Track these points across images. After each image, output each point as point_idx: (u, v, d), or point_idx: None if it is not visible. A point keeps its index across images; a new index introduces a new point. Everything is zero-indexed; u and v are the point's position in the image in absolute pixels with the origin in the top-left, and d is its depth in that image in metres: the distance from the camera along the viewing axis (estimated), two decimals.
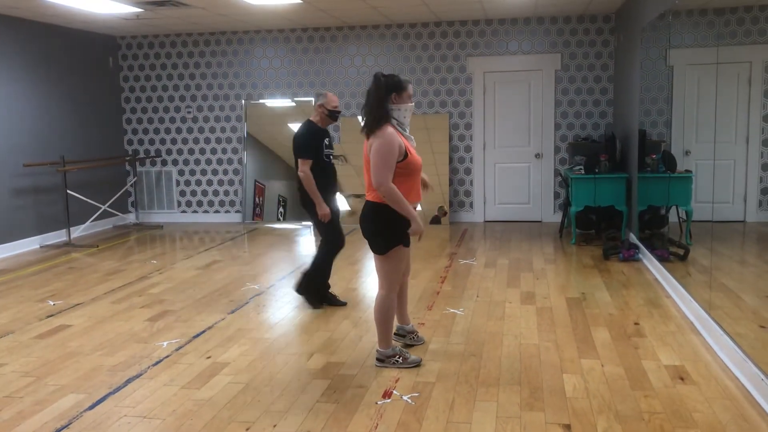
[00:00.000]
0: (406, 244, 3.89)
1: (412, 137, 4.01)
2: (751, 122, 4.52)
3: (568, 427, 3.18)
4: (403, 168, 3.78)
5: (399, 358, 3.99)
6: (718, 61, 4.66)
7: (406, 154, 3.78)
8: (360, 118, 4.09)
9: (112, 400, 3.61)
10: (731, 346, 3.87)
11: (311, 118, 5.12)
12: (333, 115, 5.09)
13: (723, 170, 4.79)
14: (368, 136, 3.83)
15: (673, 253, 5.97)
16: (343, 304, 5.33)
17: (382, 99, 3.80)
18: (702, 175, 5.21)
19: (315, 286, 5.30)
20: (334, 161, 5.22)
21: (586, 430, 3.14)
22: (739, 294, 4.65)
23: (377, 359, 4.02)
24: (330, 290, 5.40)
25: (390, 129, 3.76)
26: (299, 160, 5.00)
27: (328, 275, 5.33)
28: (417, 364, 3.99)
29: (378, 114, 3.79)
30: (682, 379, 3.71)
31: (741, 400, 3.42)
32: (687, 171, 5.63)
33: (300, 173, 4.98)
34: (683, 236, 5.94)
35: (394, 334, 4.23)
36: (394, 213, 3.76)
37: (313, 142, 5.03)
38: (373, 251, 3.90)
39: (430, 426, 3.23)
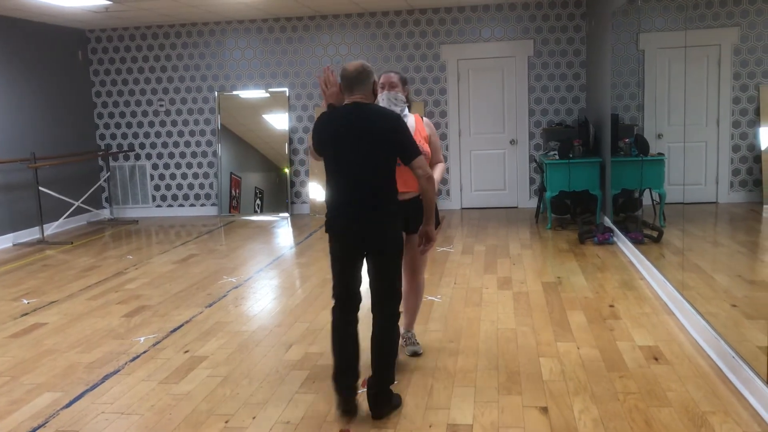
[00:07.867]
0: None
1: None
2: (721, 104, 4.58)
3: (545, 409, 3.21)
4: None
5: (404, 341, 3.96)
6: (687, 44, 4.71)
7: None
8: None
9: (90, 397, 3.58)
10: (703, 325, 3.93)
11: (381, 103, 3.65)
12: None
13: (694, 152, 4.86)
14: None
15: (647, 235, 6.05)
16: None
17: None
18: (674, 157, 5.27)
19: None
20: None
21: (563, 412, 3.18)
22: (712, 274, 4.73)
23: (402, 336, 3.93)
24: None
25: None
26: (415, 159, 3.20)
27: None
28: (412, 354, 3.97)
29: None
30: (656, 359, 3.76)
31: (713, 377, 3.49)
32: (659, 154, 5.70)
33: (428, 177, 3.23)
34: (657, 219, 6.02)
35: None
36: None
37: None
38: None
39: (408, 412, 3.24)
